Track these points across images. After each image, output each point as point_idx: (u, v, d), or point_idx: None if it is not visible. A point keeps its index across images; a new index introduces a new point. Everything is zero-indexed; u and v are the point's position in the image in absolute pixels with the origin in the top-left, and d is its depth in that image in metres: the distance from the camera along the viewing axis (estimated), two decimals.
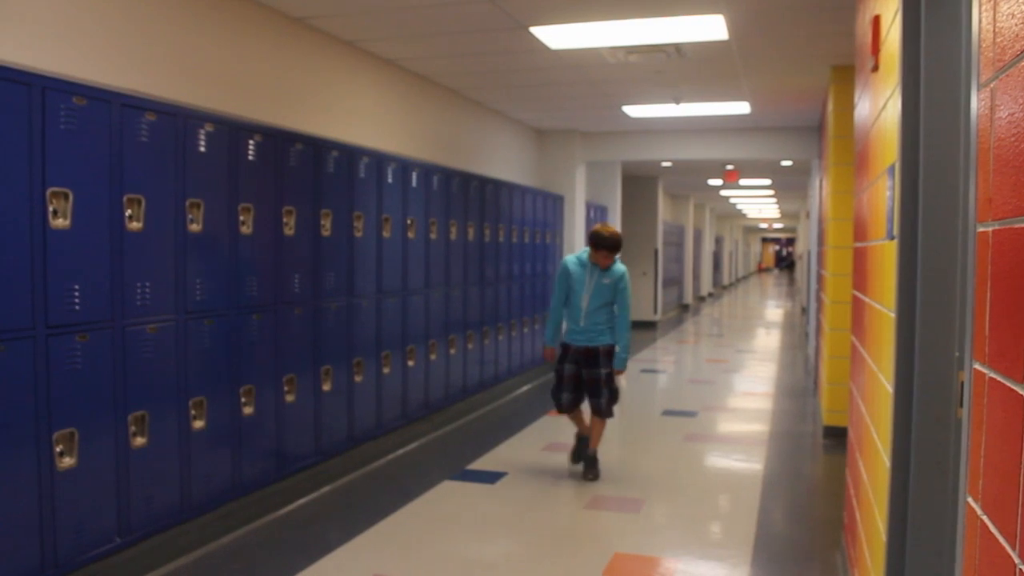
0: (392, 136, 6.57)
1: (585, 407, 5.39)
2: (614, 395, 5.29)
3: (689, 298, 21.06)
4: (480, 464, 5.64)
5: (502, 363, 8.03)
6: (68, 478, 3.28)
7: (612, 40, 5.74)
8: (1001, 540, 1.22)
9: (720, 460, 5.97)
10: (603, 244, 5.18)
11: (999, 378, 1.27)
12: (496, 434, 6.40)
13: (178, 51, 4.30)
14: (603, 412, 5.24)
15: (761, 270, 56.36)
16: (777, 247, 60.07)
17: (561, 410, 5.38)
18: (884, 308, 2.64)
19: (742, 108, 8.44)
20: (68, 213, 3.25)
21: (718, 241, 30.47)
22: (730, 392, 8.81)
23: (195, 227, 3.94)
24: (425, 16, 5.28)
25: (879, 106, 2.91)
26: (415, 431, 6.26)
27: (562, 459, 5.65)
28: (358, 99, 6.14)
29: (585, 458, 5.32)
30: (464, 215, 7.06)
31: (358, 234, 5.37)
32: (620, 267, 5.34)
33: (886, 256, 2.63)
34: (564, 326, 5.45)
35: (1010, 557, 1.17)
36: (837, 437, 6.21)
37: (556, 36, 5.65)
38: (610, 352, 5.26)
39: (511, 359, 8.23)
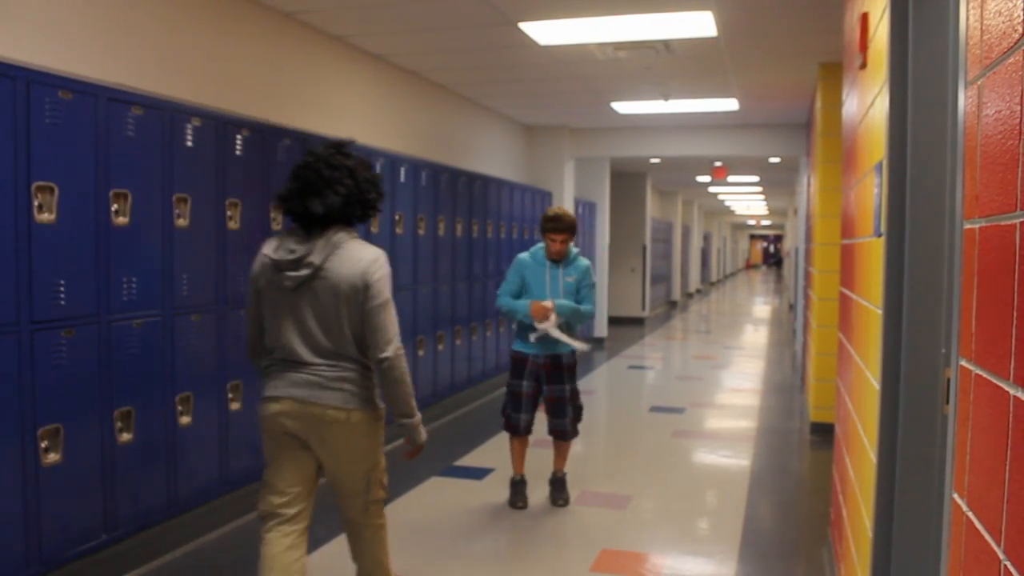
0: (381, 132, 6.55)
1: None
2: (578, 413, 4.62)
3: (677, 295, 21.11)
4: (468, 460, 5.64)
5: (490, 359, 8.03)
6: (53, 474, 3.25)
7: (601, 36, 5.74)
8: (986, 536, 1.23)
9: (707, 456, 5.99)
10: (555, 225, 4.41)
11: (985, 375, 1.27)
12: (484, 430, 6.40)
13: (165, 45, 4.28)
14: (568, 435, 4.59)
15: (749, 267, 56.55)
16: (765, 244, 60.29)
17: (517, 433, 4.59)
18: (871, 305, 2.65)
19: (731, 105, 8.46)
20: (53, 207, 3.23)
21: (706, 238, 30.54)
22: (718, 388, 8.83)
23: (182, 222, 3.92)
24: (414, 11, 5.26)
25: (867, 103, 2.92)
26: None
27: (549, 455, 5.57)
28: (347, 94, 6.11)
29: (553, 482, 4.72)
30: (452, 211, 7.05)
31: None
32: (583, 261, 4.61)
33: (873, 253, 2.64)
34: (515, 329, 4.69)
35: (995, 553, 1.18)
36: (824, 433, 6.24)
37: (545, 32, 5.65)
38: (574, 366, 4.60)
39: (499, 355, 8.22)
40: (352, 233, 2.78)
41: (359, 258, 2.70)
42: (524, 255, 4.61)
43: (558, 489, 4.70)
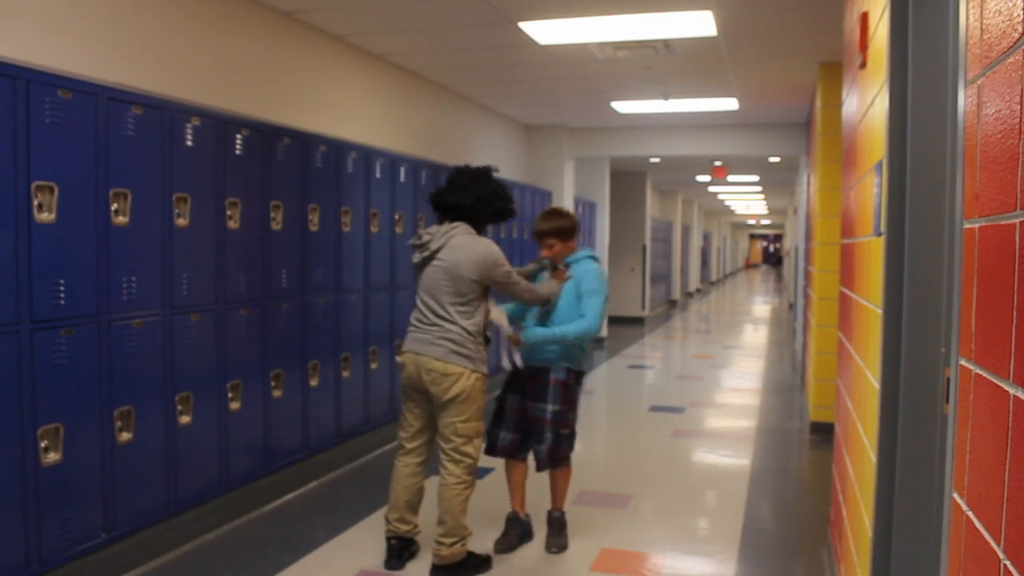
0: (380, 131, 6.55)
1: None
2: (561, 440, 3.87)
3: (677, 294, 21.11)
4: None
5: (491, 359, 8.00)
6: (53, 474, 3.25)
7: (601, 36, 5.74)
8: (986, 535, 1.23)
9: (707, 456, 5.99)
10: (541, 229, 3.94)
11: (985, 374, 1.27)
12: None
13: (165, 44, 4.27)
14: (542, 463, 3.88)
15: (749, 266, 56.55)
16: (765, 243, 60.27)
17: (494, 452, 3.98)
18: (871, 304, 2.65)
19: (730, 104, 8.46)
20: (53, 207, 3.23)
21: (706, 237, 30.54)
22: (717, 388, 8.83)
23: (182, 221, 3.92)
24: (414, 10, 5.26)
25: (867, 103, 2.92)
26: None
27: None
28: (346, 94, 6.11)
29: (550, 521, 4.05)
30: None
31: (346, 229, 5.35)
32: (586, 264, 3.95)
33: (873, 252, 2.64)
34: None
35: (995, 552, 1.18)
36: (824, 433, 6.24)
37: (545, 32, 5.64)
38: (565, 383, 3.88)
39: (498, 355, 8.22)
40: (470, 230, 3.60)
41: (472, 248, 3.52)
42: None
43: (554, 531, 4.03)
